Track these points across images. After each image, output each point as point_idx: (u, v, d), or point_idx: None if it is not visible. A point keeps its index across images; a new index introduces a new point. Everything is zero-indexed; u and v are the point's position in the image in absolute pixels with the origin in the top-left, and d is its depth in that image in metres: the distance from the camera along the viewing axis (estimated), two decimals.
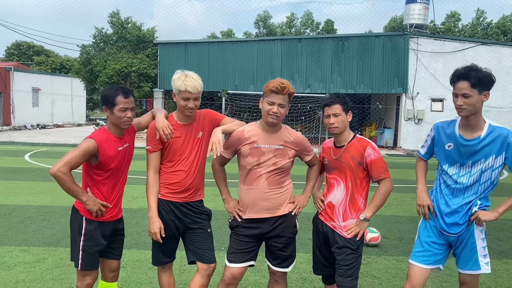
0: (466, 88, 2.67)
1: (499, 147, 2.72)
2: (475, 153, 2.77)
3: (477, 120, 2.75)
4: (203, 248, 3.16)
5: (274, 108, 2.91)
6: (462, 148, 2.82)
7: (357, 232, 3.03)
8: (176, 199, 3.12)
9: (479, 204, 2.84)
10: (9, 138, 21.71)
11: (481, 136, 2.75)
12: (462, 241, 2.90)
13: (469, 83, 2.66)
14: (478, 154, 2.76)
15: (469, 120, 2.76)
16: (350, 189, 3.07)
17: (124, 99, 2.95)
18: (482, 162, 2.76)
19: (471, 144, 2.78)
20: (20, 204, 7.53)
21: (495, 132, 2.73)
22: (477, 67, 2.71)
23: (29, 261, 4.76)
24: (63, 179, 2.78)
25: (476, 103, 2.68)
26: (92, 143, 2.88)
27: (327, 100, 3.09)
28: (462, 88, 2.69)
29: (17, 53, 49.79)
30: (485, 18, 40.70)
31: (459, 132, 2.84)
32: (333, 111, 3.03)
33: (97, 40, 24.72)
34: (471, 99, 2.67)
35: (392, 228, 6.65)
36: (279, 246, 3.12)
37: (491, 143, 2.73)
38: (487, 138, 2.74)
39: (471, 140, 2.78)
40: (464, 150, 2.82)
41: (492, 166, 2.77)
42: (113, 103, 2.93)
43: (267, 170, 3.02)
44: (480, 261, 2.87)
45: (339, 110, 3.02)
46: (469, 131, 2.79)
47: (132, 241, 5.57)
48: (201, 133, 3.17)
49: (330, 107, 3.04)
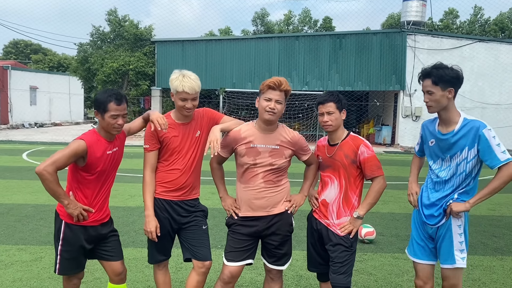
0: (429, 86, 2.85)
1: (472, 139, 2.83)
2: (451, 146, 2.89)
3: (450, 115, 2.89)
4: (198, 245, 3.18)
5: (271, 104, 2.93)
6: (440, 142, 2.96)
7: (351, 230, 3.06)
8: (171, 198, 3.14)
9: (455, 198, 2.93)
10: (6, 137, 21.68)
11: (455, 129, 2.88)
12: (441, 235, 2.98)
13: (431, 81, 2.83)
14: (454, 148, 2.88)
15: (441, 116, 2.93)
16: (344, 187, 3.09)
17: (116, 106, 2.90)
18: (458, 155, 2.87)
19: (446, 138, 2.90)
20: (18, 203, 7.53)
21: (468, 125, 2.84)
22: (443, 65, 2.87)
23: (26, 260, 4.77)
24: (47, 179, 2.73)
25: (441, 99, 2.84)
26: (81, 144, 2.84)
27: (321, 98, 3.11)
28: (426, 86, 2.87)
29: (15, 51, 49.63)
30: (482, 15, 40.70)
31: (438, 128, 2.98)
32: (326, 109, 3.05)
33: (95, 38, 24.67)
34: (434, 95, 2.84)
35: (389, 225, 6.67)
36: (275, 244, 3.14)
37: (465, 135, 2.84)
38: (461, 131, 2.86)
39: (446, 134, 2.91)
40: (442, 144, 2.95)
41: (466, 158, 2.86)
42: (105, 109, 2.89)
43: (263, 169, 3.04)
44: (455, 255, 2.92)
45: (333, 108, 3.05)
46: (445, 126, 2.93)
47: (129, 239, 5.59)
48: (199, 132, 3.18)
49: (324, 105, 3.06)
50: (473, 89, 21.24)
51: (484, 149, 2.80)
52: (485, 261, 5.18)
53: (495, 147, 2.78)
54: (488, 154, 2.79)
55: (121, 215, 6.79)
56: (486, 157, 2.81)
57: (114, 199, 7.74)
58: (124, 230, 6.03)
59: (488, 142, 2.78)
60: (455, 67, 2.87)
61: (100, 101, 2.91)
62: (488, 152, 2.79)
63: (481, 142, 2.80)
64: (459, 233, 2.94)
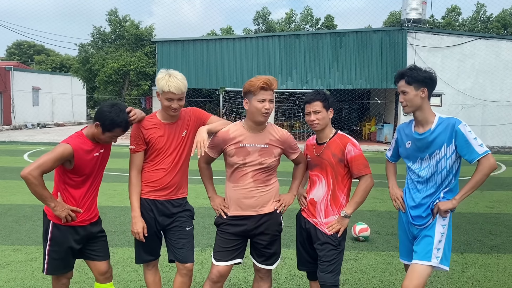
0: (403, 85, 2.95)
1: (449, 136, 2.89)
2: (429, 145, 2.94)
3: (425, 115, 2.97)
4: (179, 247, 3.18)
5: (267, 105, 2.94)
6: (417, 142, 3.01)
7: (338, 229, 3.06)
8: (156, 197, 3.14)
9: (441, 197, 2.95)
10: (8, 138, 21.79)
11: (431, 128, 2.94)
12: (423, 233, 2.99)
13: (405, 81, 2.93)
14: (432, 146, 2.93)
15: (417, 116, 2.99)
16: (332, 185, 3.09)
17: (121, 133, 2.96)
18: (437, 152, 2.92)
19: (424, 137, 2.96)
20: (16, 203, 7.58)
21: (444, 123, 2.91)
22: (416, 67, 2.98)
23: (21, 260, 4.80)
24: (32, 183, 2.73)
25: (414, 98, 2.92)
26: (67, 149, 2.84)
27: (307, 98, 3.12)
28: (400, 86, 2.97)
29: (18, 52, 49.84)
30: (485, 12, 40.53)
31: (414, 129, 3.05)
32: (313, 108, 3.06)
33: (95, 38, 24.73)
34: (408, 95, 2.93)
35: (386, 224, 6.66)
36: (264, 243, 3.14)
37: (442, 133, 2.90)
38: (437, 129, 2.92)
39: (423, 134, 2.97)
40: (419, 144, 3.00)
41: (446, 155, 2.92)
42: (110, 130, 2.91)
43: (253, 168, 3.04)
44: (432, 253, 2.90)
45: (320, 107, 3.05)
46: (421, 126, 3.00)
47: (125, 239, 5.61)
48: (185, 131, 3.19)
49: (311, 105, 3.07)
50: (474, 87, 21.18)
51: (462, 144, 2.85)
52: (480, 259, 5.17)
53: (472, 141, 2.83)
54: (466, 149, 2.85)
55: (119, 214, 6.80)
56: (465, 152, 2.86)
57: (113, 199, 7.75)
58: (121, 229, 6.05)
59: (465, 136, 2.84)
60: (428, 69, 2.98)
61: (109, 119, 2.88)
62: (466, 146, 2.84)
63: (458, 137, 2.86)
64: (441, 232, 2.94)
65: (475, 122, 20.82)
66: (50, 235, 2.96)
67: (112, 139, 2.99)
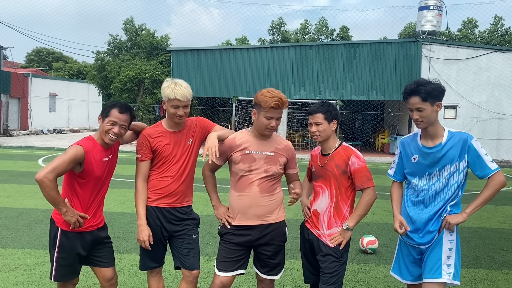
0: (418, 103, 2.86)
1: (460, 151, 2.85)
2: (440, 159, 2.89)
3: (436, 129, 2.92)
4: (187, 254, 3.20)
5: (273, 123, 2.98)
6: (426, 156, 2.95)
7: (341, 241, 3.05)
8: (162, 205, 3.18)
9: (449, 211, 2.91)
10: (25, 143, 22.17)
11: (442, 142, 2.90)
12: (430, 250, 2.94)
13: (420, 98, 2.84)
14: (442, 160, 2.88)
15: (428, 131, 2.94)
16: (335, 197, 3.09)
17: (118, 114, 2.96)
18: (449, 167, 2.88)
19: (434, 151, 2.91)
20: (28, 207, 7.69)
21: (455, 137, 2.87)
22: (426, 81, 2.89)
23: (30, 264, 4.87)
24: (48, 186, 2.74)
25: (431, 114, 2.87)
26: (79, 150, 2.88)
27: (311, 109, 3.14)
28: (414, 103, 2.87)
29: (37, 59, 50.85)
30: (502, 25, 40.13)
31: (421, 143, 2.98)
32: (314, 120, 3.08)
33: (112, 46, 25.12)
34: (425, 112, 2.86)
35: (395, 237, 6.56)
36: (268, 254, 3.14)
37: (453, 147, 2.86)
38: (448, 143, 2.88)
39: (433, 148, 2.92)
40: (428, 158, 2.94)
41: (458, 169, 2.88)
42: (107, 114, 2.97)
43: (258, 176, 3.05)
44: (442, 269, 2.87)
45: (321, 119, 3.06)
46: (430, 140, 2.95)
47: (132, 246, 5.65)
48: (191, 140, 3.23)
49: (313, 116, 3.10)
50: (490, 100, 20.92)
51: (474, 159, 2.83)
52: (490, 274, 5.08)
53: (485, 157, 2.83)
54: (478, 164, 2.83)
55: (128, 221, 6.87)
56: (477, 167, 2.84)
57: (123, 205, 7.85)
58: (129, 236, 6.10)
59: (477, 152, 2.83)
60: (435, 81, 2.92)
61: (105, 106, 3.02)
62: (479, 162, 2.83)
63: (470, 153, 2.83)
64: (449, 248, 2.90)
65: (490, 135, 20.54)
66: (59, 242, 2.98)
67: (112, 126, 2.95)
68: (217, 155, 2.95)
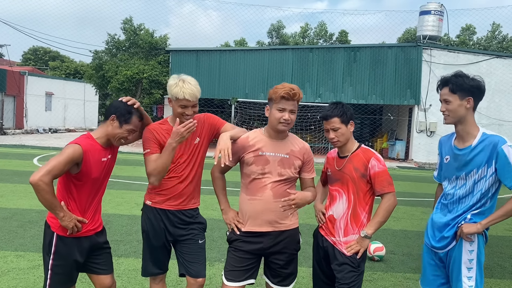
0: (446, 94, 2.68)
1: (489, 156, 2.61)
2: (467, 163, 2.68)
3: (467, 129, 2.69)
4: (192, 261, 3.00)
5: (286, 115, 2.77)
6: (456, 158, 2.75)
7: (358, 250, 2.84)
8: (168, 207, 2.97)
9: (468, 219, 2.69)
10: (20, 142, 21.88)
11: (472, 144, 2.67)
12: (450, 258, 2.76)
13: (448, 89, 2.67)
14: (470, 164, 2.66)
15: (458, 130, 2.73)
16: (353, 202, 2.89)
17: (138, 122, 2.82)
18: (475, 172, 2.65)
19: (463, 153, 2.70)
20: (22, 208, 7.45)
21: (487, 141, 2.63)
22: (463, 74, 2.68)
23: (24, 268, 4.64)
24: (44, 189, 2.52)
25: (458, 108, 2.65)
26: (77, 149, 2.65)
27: (324, 113, 2.91)
28: (443, 94, 2.70)
29: (34, 58, 50.45)
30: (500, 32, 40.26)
31: (454, 143, 2.78)
32: (331, 126, 2.88)
33: (110, 46, 24.90)
34: (451, 104, 2.66)
35: (401, 243, 6.41)
36: (281, 263, 2.93)
37: (482, 151, 2.62)
38: (478, 146, 2.65)
39: (463, 149, 2.71)
40: (457, 160, 2.74)
41: (485, 176, 2.64)
42: (127, 121, 2.75)
43: (272, 180, 2.85)
44: (463, 282, 2.68)
45: (338, 123, 2.86)
46: (462, 141, 2.73)
47: (130, 249, 5.44)
48: (198, 139, 3.02)
49: (328, 122, 2.88)
50: (490, 106, 20.84)
51: (503, 167, 2.56)
52: (502, 284, 4.90)
53: None
54: (507, 173, 2.55)
55: (125, 223, 6.64)
56: (505, 176, 2.57)
57: (120, 207, 7.62)
58: (127, 239, 5.88)
59: (507, 159, 2.54)
60: (476, 77, 2.68)
61: (124, 110, 2.77)
62: (508, 171, 2.55)
63: (499, 159, 2.56)
64: (469, 259, 2.69)
65: None
66: (54, 248, 2.74)
67: (129, 134, 2.79)
68: (230, 157, 2.73)
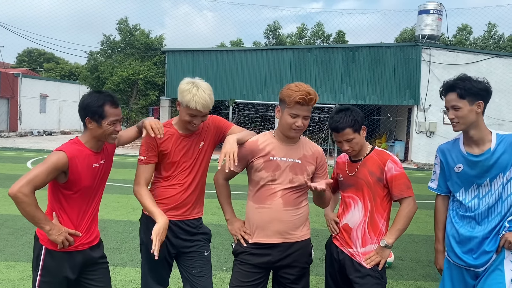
0: (455, 100, 2.49)
1: None
2: (490, 168, 2.47)
3: (481, 133, 2.51)
4: (197, 275, 2.76)
5: (299, 122, 2.53)
6: (473, 165, 2.52)
7: (378, 261, 2.61)
8: (170, 217, 2.69)
9: (507, 227, 2.48)
10: (14, 144, 21.52)
11: (491, 148, 2.47)
12: (487, 270, 2.50)
13: (456, 94, 2.48)
14: (494, 168, 2.46)
15: (472, 136, 2.52)
16: (369, 209, 2.67)
17: (114, 110, 2.48)
18: (501, 176, 2.46)
19: (482, 159, 2.48)
20: (14, 213, 7.14)
21: (505, 140, 2.47)
22: (468, 77, 2.51)
23: (14, 279, 4.38)
24: (23, 202, 2.27)
25: (468, 114, 2.47)
26: (62, 157, 2.38)
27: (333, 124, 2.68)
28: (450, 100, 2.51)
29: (28, 60, 49.98)
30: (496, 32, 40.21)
31: (466, 150, 2.56)
32: (344, 138, 2.66)
33: (105, 47, 24.60)
34: (461, 111, 2.47)
35: (408, 249, 6.18)
36: (291, 278, 2.68)
37: (505, 152, 2.45)
38: (499, 148, 2.46)
39: (481, 155, 2.49)
40: (476, 167, 2.51)
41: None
42: (102, 115, 2.45)
43: (282, 187, 2.61)
44: None
45: (351, 134, 2.65)
46: (476, 146, 2.53)
47: (127, 258, 5.18)
48: (202, 143, 2.77)
49: (340, 134, 2.66)
50: (490, 105, 20.16)
51: None
52: None
53: None
54: None
55: (122, 229, 6.38)
56: None
57: (116, 212, 7.35)
58: (123, 247, 5.63)
59: None
60: (481, 79, 2.53)
61: (94, 105, 2.45)
62: None
63: None
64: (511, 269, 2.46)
65: None
66: (42, 263, 2.48)
67: (115, 125, 2.49)
68: (235, 162, 2.47)
